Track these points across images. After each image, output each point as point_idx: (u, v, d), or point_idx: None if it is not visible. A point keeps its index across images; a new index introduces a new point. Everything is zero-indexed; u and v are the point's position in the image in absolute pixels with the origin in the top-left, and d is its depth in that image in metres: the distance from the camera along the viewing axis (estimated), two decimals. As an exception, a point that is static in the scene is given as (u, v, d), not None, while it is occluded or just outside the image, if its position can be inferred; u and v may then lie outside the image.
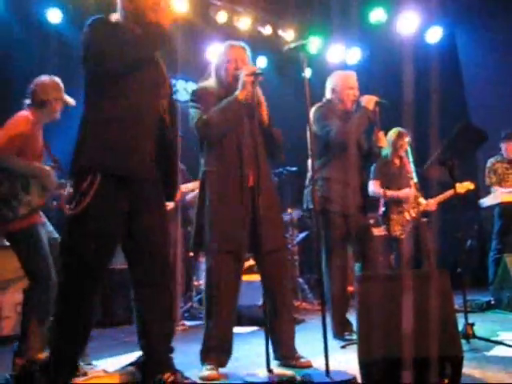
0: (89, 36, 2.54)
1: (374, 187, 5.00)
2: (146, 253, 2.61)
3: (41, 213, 3.50)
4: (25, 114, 3.44)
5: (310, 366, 3.09)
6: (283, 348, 3.17)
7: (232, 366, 3.07)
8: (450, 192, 4.61)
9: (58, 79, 3.56)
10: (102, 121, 2.53)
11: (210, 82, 3.31)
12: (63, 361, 2.49)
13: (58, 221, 3.72)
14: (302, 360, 3.14)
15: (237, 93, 3.08)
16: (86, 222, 2.45)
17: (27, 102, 3.51)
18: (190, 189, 5.16)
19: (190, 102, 3.23)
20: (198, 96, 3.22)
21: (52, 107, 3.49)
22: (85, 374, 2.87)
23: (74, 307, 2.48)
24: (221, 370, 2.99)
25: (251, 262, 5.13)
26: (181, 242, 5.24)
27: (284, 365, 3.11)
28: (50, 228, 3.58)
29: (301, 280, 6.61)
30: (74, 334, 2.51)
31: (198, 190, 3.28)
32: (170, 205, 3.53)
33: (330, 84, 4.20)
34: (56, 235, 3.54)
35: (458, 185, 4.84)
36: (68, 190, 3.14)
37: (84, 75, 2.62)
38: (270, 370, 2.82)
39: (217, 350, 3.01)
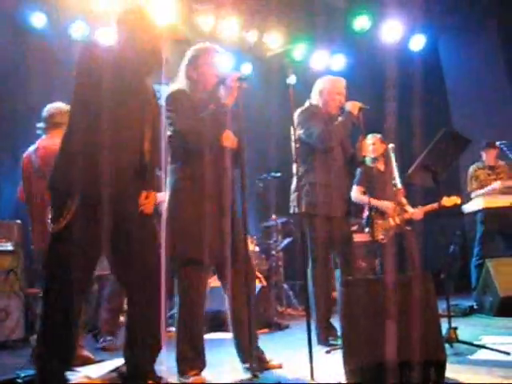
0: (82, 63, 2.58)
1: (355, 193, 5.03)
2: (133, 266, 2.62)
3: None
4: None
5: (280, 367, 3.13)
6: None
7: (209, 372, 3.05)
8: (435, 205, 4.65)
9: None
10: (77, 142, 2.52)
11: (184, 85, 3.18)
12: (50, 376, 2.48)
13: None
14: (273, 362, 3.17)
15: (224, 99, 3.04)
16: (66, 239, 2.46)
17: (41, 125, 3.75)
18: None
19: (167, 106, 3.07)
20: (175, 101, 3.07)
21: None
22: (68, 380, 2.84)
23: (58, 321, 2.47)
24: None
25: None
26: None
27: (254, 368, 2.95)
28: None
29: (285, 286, 6.61)
30: (59, 347, 2.49)
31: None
32: (160, 196, 3.45)
33: (318, 87, 4.20)
34: None
35: (445, 198, 4.90)
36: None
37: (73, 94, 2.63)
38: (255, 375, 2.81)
39: (197, 357, 2.99)
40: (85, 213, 2.47)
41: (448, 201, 5.12)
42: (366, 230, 5.21)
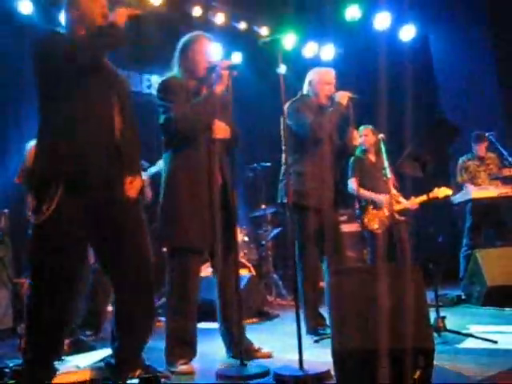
0: (43, 55, 2.54)
1: (353, 185, 5.06)
2: (122, 256, 2.60)
3: None
4: None
5: (269, 356, 3.15)
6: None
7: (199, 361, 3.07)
8: (425, 196, 4.67)
9: None
10: (53, 129, 2.52)
11: (177, 73, 3.19)
12: (38, 366, 2.47)
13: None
14: (263, 351, 3.20)
15: (214, 86, 3.03)
16: (49, 231, 2.45)
17: None
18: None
19: (159, 93, 3.09)
20: (168, 88, 3.09)
21: None
22: (56, 370, 2.83)
23: (46, 313, 2.46)
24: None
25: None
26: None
27: (245, 358, 2.97)
28: None
29: (275, 276, 6.62)
30: (47, 337, 2.49)
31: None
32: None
33: (308, 78, 4.22)
34: None
35: (436, 189, 4.92)
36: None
37: (37, 85, 2.60)
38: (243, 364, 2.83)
39: (187, 346, 3.01)
40: (68, 200, 2.44)
41: (440, 192, 5.14)
42: (359, 220, 5.23)
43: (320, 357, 2.97)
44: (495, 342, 3.12)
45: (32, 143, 4.10)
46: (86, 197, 2.49)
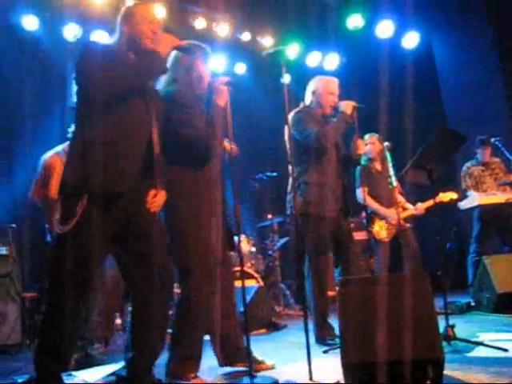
0: (83, 63, 2.54)
1: (362, 195, 5.00)
2: (141, 265, 2.60)
3: None
4: None
5: (272, 368, 3.13)
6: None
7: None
8: (431, 201, 4.65)
9: None
10: (91, 142, 2.50)
11: (175, 89, 3.12)
12: (48, 377, 2.45)
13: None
14: (267, 363, 3.18)
15: (218, 102, 3.04)
16: (74, 239, 2.44)
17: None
18: None
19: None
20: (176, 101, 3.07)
21: None
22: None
23: (61, 323, 2.44)
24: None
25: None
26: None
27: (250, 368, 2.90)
28: None
29: (282, 286, 6.61)
30: (59, 348, 2.46)
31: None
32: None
33: (311, 87, 4.21)
34: None
35: (441, 194, 4.91)
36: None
37: (77, 96, 2.61)
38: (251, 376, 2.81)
39: (195, 359, 2.99)
40: (95, 212, 2.45)
41: (445, 196, 5.13)
42: (369, 229, 5.20)
43: (329, 368, 2.96)
44: (506, 351, 3.09)
45: (48, 155, 4.10)
46: (115, 210, 2.51)
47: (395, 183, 4.48)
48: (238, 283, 3.38)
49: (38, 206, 4.19)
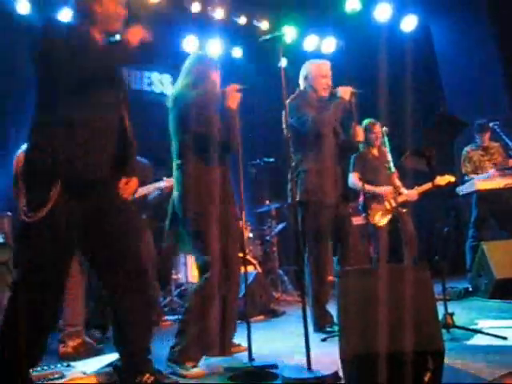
0: (45, 42, 2.42)
1: (353, 179, 5.01)
2: (119, 257, 2.52)
3: None
4: None
5: (244, 350, 3.17)
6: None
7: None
8: (429, 184, 4.62)
9: None
10: (52, 129, 2.38)
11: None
12: (11, 374, 2.32)
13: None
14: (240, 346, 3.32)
15: (231, 106, 3.23)
16: (45, 229, 2.33)
17: None
18: (152, 189, 4.89)
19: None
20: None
21: None
22: (62, 376, 2.81)
23: (27, 317, 2.30)
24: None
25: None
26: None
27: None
28: None
29: (280, 271, 6.61)
30: (25, 343, 2.31)
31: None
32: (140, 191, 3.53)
33: (303, 72, 4.21)
34: None
35: (438, 177, 4.88)
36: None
37: (34, 76, 2.47)
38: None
39: (199, 350, 3.02)
40: (67, 199, 2.35)
41: (442, 179, 5.11)
42: (363, 214, 5.19)
43: (327, 356, 2.94)
44: (505, 339, 3.09)
45: (22, 149, 4.02)
46: (84, 199, 2.41)
47: (393, 169, 4.45)
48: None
49: None
